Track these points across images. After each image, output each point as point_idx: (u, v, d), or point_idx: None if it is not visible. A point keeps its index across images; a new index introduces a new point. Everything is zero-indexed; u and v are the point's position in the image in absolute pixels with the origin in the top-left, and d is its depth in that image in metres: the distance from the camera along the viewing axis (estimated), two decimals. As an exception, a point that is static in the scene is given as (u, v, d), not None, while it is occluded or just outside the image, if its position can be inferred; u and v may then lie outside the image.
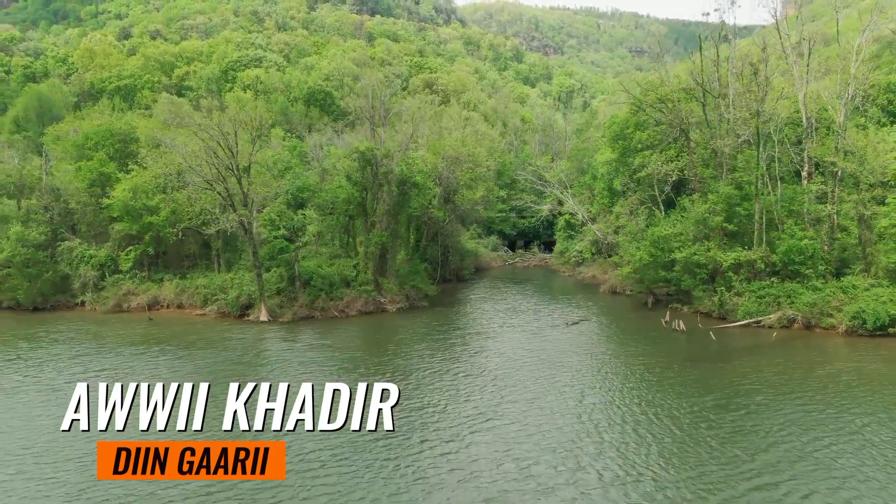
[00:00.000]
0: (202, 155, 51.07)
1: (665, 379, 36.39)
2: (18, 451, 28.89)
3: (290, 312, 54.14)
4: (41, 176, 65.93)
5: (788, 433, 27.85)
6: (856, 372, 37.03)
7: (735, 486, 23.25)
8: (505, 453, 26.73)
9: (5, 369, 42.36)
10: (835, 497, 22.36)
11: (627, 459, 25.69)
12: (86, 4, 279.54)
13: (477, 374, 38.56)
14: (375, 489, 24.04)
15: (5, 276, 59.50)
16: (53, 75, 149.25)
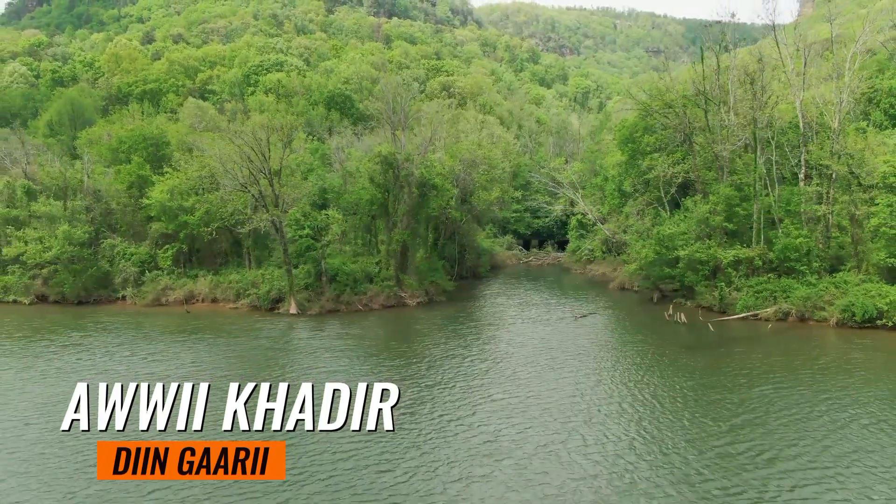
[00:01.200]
0: (237, 159, 55.63)
1: (657, 363, 40.49)
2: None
3: (317, 306, 58.58)
4: (82, 178, 70.84)
5: (757, 406, 31.87)
6: (834, 357, 40.94)
7: (699, 446, 27.33)
8: (506, 420, 30.95)
9: (63, 354, 47.14)
10: (784, 453, 26.33)
11: (609, 428, 29.78)
12: (108, 8, 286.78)
13: (487, 358, 43.00)
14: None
15: (53, 271, 64.43)
16: (81, 80, 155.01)
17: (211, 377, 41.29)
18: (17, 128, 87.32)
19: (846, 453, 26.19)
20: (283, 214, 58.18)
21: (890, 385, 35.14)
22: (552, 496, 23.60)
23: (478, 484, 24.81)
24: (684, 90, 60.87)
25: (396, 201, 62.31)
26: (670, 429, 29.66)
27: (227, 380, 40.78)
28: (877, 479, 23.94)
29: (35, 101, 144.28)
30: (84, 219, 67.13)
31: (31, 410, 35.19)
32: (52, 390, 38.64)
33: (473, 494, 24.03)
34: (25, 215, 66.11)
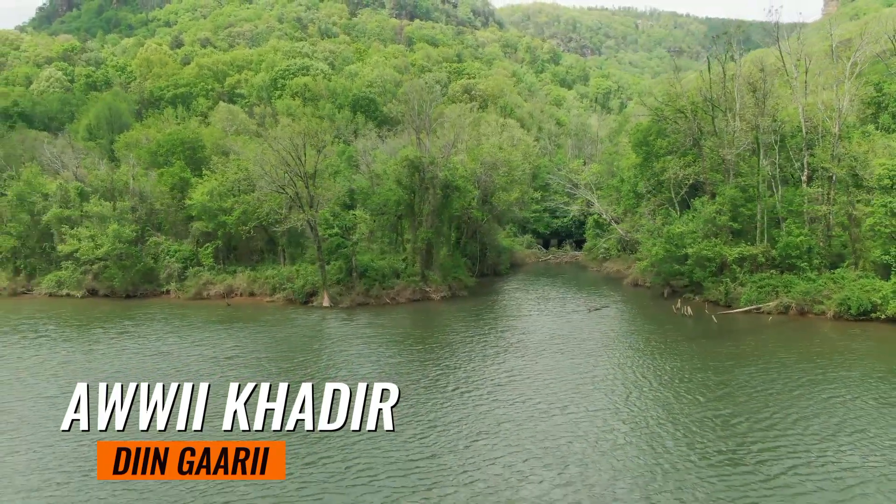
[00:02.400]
0: (275, 162, 60.83)
1: (657, 349, 45.18)
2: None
3: (348, 299, 63.57)
4: (128, 181, 76.48)
5: (745, 384, 36.45)
6: (823, 345, 45.32)
7: (689, 415, 31.83)
8: (513, 392, 35.74)
9: (120, 339, 52.56)
10: (755, 416, 30.73)
11: (611, 399, 34.47)
12: (136, 12, 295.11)
13: (501, 344, 48.04)
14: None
15: (103, 267, 70.06)
16: (115, 84, 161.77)
17: (255, 359, 46.76)
18: (66, 134, 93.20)
19: (807, 416, 30.65)
20: (316, 214, 63.19)
21: (866, 367, 39.33)
22: (547, 450, 28.28)
23: (482, 441, 29.59)
24: (693, 97, 64.91)
25: (422, 202, 67.13)
26: (654, 400, 34.43)
27: (267, 361, 46.24)
28: (818, 437, 28.34)
29: (71, 105, 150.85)
30: (131, 218, 72.73)
31: (100, 381, 40.54)
32: (114, 367, 44.16)
33: (480, 453, 28.75)
34: (78, 215, 71.77)
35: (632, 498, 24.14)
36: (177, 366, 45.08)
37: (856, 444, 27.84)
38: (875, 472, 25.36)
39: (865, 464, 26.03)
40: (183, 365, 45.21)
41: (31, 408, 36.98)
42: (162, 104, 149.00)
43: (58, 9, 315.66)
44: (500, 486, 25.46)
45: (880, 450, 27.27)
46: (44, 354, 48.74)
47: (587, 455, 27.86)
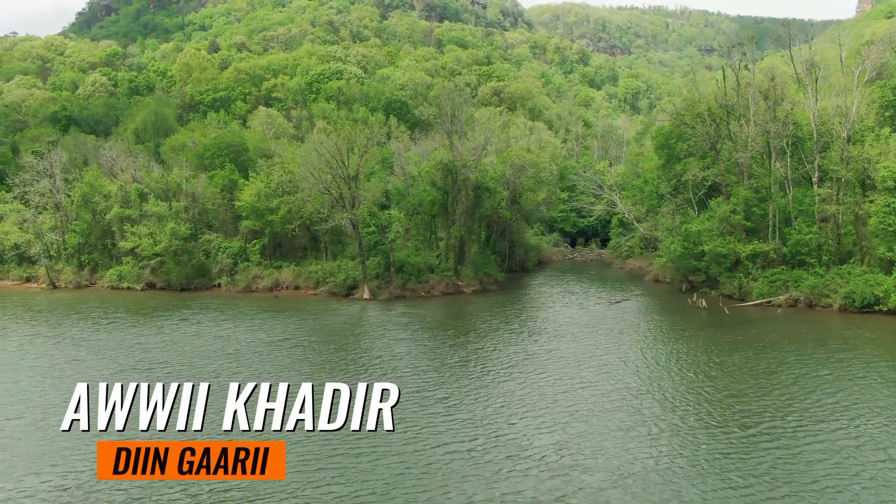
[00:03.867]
0: (321, 165, 66.91)
1: (668, 336, 50.78)
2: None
3: (386, 292, 69.40)
4: (180, 182, 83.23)
5: (733, 364, 41.44)
6: (823, 334, 50.21)
7: (672, 389, 37.02)
8: (538, 372, 41.15)
9: (182, 326, 58.99)
10: (741, 392, 35.77)
11: (620, 381, 39.70)
12: (172, 17, 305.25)
13: (525, 330, 53.97)
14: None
15: (160, 262, 76.75)
16: (157, 89, 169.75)
17: (306, 342, 52.94)
18: (121, 138, 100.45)
19: (793, 393, 35.67)
20: (357, 213, 69.06)
21: (869, 353, 44.08)
22: (559, 409, 33.75)
23: (505, 406, 35.15)
24: (709, 103, 69.58)
25: (455, 202, 72.76)
26: (659, 377, 39.81)
27: (317, 343, 52.29)
28: (824, 406, 33.38)
29: (116, 109, 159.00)
30: (185, 217, 79.42)
31: (175, 362, 46.91)
32: (182, 347, 50.52)
33: (500, 415, 34.29)
34: (137, 214, 78.59)
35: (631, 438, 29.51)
36: (236, 347, 51.30)
37: (865, 414, 32.68)
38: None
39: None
40: (241, 346, 51.42)
41: (114, 380, 43.25)
42: (201, 108, 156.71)
43: (97, 14, 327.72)
44: (513, 437, 30.95)
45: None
46: (120, 336, 55.45)
47: (592, 412, 33.33)
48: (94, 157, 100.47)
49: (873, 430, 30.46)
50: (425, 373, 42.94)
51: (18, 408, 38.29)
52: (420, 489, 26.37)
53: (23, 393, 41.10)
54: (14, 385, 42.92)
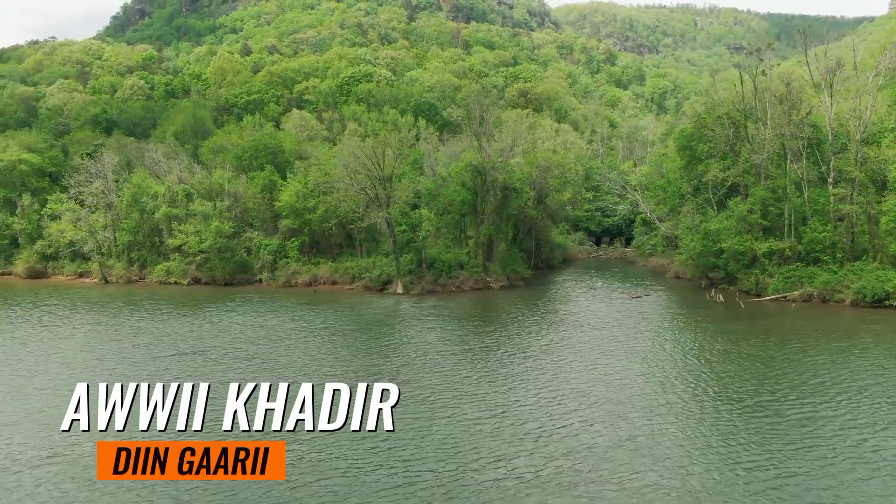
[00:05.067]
0: (358, 167, 71.71)
1: (683, 327, 54.75)
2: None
3: (418, 287, 73.94)
4: (223, 183, 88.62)
5: (747, 351, 45.41)
6: (829, 326, 53.73)
7: (685, 373, 41.03)
8: (558, 357, 45.39)
9: (229, 315, 64.04)
10: (746, 376, 39.66)
11: (630, 365, 43.84)
12: (204, 20, 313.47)
13: (548, 321, 58.52)
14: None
15: (205, 259, 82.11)
16: (193, 92, 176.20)
17: (346, 329, 57.75)
18: (166, 140, 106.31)
19: (789, 379, 39.58)
20: (392, 212, 73.72)
21: (879, 343, 47.61)
22: (572, 390, 38.01)
23: (523, 383, 39.47)
24: (728, 107, 73.09)
25: (483, 202, 77.16)
26: (665, 361, 44.05)
27: (356, 331, 57.01)
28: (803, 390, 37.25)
29: (153, 112, 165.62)
30: (228, 216, 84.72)
31: (228, 346, 51.87)
32: (231, 335, 55.54)
33: (523, 393, 38.60)
34: (184, 213, 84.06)
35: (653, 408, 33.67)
36: (281, 334, 56.17)
37: (849, 393, 36.56)
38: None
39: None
40: (286, 333, 56.30)
41: (177, 361, 48.30)
42: (235, 110, 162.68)
43: (131, 17, 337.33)
44: (531, 408, 35.24)
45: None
46: (174, 325, 60.73)
47: (601, 390, 37.54)
48: (137, 159, 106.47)
49: (853, 405, 34.29)
50: (453, 356, 47.67)
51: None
52: (449, 445, 30.69)
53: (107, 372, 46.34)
54: (100, 362, 48.59)
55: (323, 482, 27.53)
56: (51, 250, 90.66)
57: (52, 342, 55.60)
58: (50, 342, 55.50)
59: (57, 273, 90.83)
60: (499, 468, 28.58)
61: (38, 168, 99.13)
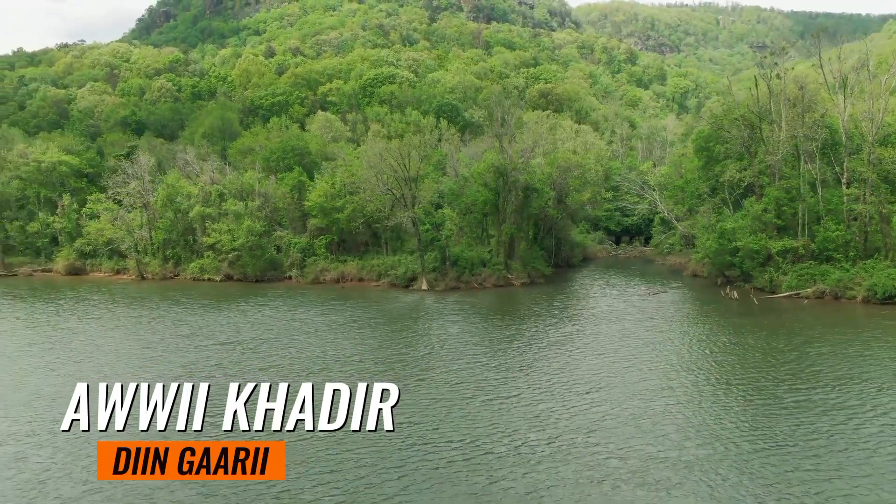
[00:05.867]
0: (384, 168, 75.15)
1: (696, 322, 57.49)
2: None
3: (442, 284, 77.21)
4: (254, 184, 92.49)
5: (755, 343, 48.18)
6: (836, 321, 56.36)
7: (693, 362, 43.88)
8: (571, 344, 48.43)
9: (262, 309, 67.67)
10: (747, 365, 42.44)
11: (641, 354, 46.74)
12: (228, 22, 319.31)
13: (566, 315, 61.69)
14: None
15: (237, 256, 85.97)
16: (219, 94, 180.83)
17: (374, 322, 61.15)
18: (194, 142, 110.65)
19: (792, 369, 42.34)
20: (417, 212, 77.06)
21: (890, 336, 50.04)
22: (582, 375, 41.06)
23: (541, 370, 42.58)
24: (743, 109, 75.54)
25: (505, 202, 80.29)
26: (675, 351, 47.12)
27: (382, 324, 60.39)
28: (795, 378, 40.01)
29: (181, 114, 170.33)
30: (259, 215, 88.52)
31: (264, 337, 55.44)
32: (265, 326, 59.13)
33: (541, 377, 41.72)
34: (216, 213, 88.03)
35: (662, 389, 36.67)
36: (313, 327, 59.69)
37: (844, 380, 39.35)
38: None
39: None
40: (318, 326, 59.83)
41: (217, 350, 51.92)
42: (261, 112, 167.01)
43: (156, 20, 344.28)
44: (548, 391, 38.33)
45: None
46: (211, 318, 64.51)
47: (613, 376, 40.54)
48: (167, 160, 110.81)
49: (844, 391, 37.11)
50: (474, 346, 51.16)
51: (159, 368, 47.04)
52: (469, 420, 33.83)
53: (153, 362, 50.12)
54: (146, 350, 52.44)
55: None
56: (89, 248, 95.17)
57: (100, 332, 59.66)
58: (98, 332, 59.55)
59: (95, 270, 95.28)
60: (514, 441, 31.79)
61: (77, 169, 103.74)
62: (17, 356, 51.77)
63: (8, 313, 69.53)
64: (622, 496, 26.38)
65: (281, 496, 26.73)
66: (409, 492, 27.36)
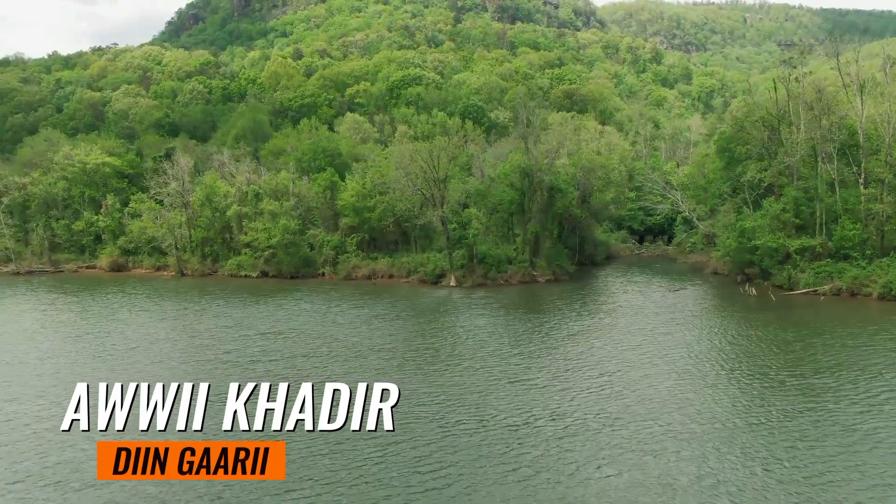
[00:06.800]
0: (414, 169, 78.98)
1: (713, 315, 60.75)
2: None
3: (470, 280, 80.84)
4: (288, 184, 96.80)
5: (765, 335, 51.26)
6: (846, 316, 59.08)
7: (705, 353, 47.05)
8: (591, 335, 51.80)
9: (298, 302, 71.72)
10: (758, 357, 45.51)
11: (655, 344, 49.88)
12: (256, 24, 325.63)
13: (587, 310, 65.10)
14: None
15: (272, 254, 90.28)
16: (249, 96, 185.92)
17: (406, 315, 65.00)
18: (240, 145, 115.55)
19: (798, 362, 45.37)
20: (446, 211, 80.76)
21: (864, 329, 53.04)
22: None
23: (561, 357, 45.99)
24: (763, 112, 78.22)
25: (530, 202, 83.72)
26: (689, 341, 50.48)
27: (414, 316, 64.15)
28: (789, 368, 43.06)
29: (212, 116, 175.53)
30: (294, 214, 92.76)
31: (303, 328, 59.39)
32: (302, 320, 63.15)
33: (561, 364, 45.13)
34: (252, 212, 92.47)
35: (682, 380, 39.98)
36: (349, 318, 63.68)
37: (844, 368, 42.40)
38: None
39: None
40: (353, 318, 63.82)
41: (260, 340, 55.98)
42: (290, 114, 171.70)
43: (185, 22, 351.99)
44: (567, 377, 41.73)
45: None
46: (251, 310, 68.77)
47: (630, 365, 43.89)
48: (201, 161, 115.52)
49: (844, 377, 40.27)
50: (499, 336, 54.99)
51: (208, 354, 51.21)
52: (495, 399, 37.36)
53: (203, 349, 54.35)
54: (194, 339, 56.75)
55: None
56: (131, 245, 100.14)
57: (150, 323, 64.16)
58: (149, 323, 64.04)
59: (136, 266, 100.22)
60: (528, 416, 35.68)
61: (119, 170, 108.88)
62: (79, 344, 56.42)
63: (62, 306, 74.38)
64: (629, 460, 30.17)
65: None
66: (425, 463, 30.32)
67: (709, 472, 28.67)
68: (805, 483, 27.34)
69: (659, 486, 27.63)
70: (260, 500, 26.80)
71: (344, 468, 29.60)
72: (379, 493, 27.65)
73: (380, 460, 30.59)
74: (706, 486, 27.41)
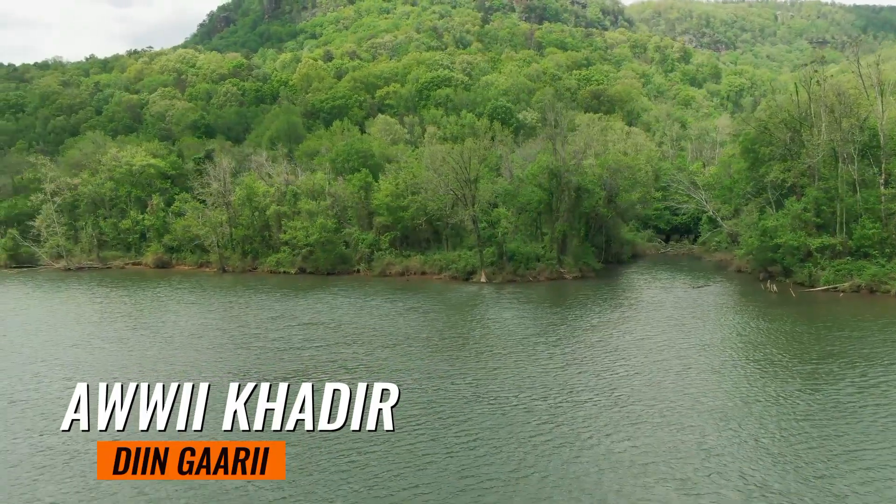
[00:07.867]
0: (446, 171, 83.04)
1: (732, 311, 63.82)
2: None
3: (499, 277, 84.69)
4: (324, 184, 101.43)
5: (780, 329, 54.52)
6: (859, 310, 62.33)
7: (725, 342, 50.45)
8: (612, 328, 55.40)
9: (336, 297, 76.07)
10: (773, 348, 48.75)
11: (672, 336, 53.42)
12: (286, 26, 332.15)
13: (612, 305, 68.58)
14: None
15: (310, 251, 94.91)
16: (282, 98, 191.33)
17: (438, 309, 69.06)
18: (276, 147, 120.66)
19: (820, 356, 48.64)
20: (476, 210, 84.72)
21: (877, 324, 55.96)
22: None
23: (581, 346, 49.73)
24: (784, 114, 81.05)
25: (558, 202, 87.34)
26: (706, 333, 54.03)
27: (446, 310, 68.19)
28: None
29: (246, 117, 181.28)
30: (330, 213, 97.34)
31: (342, 320, 63.69)
32: (341, 312, 67.55)
33: (582, 352, 48.84)
34: (291, 211, 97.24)
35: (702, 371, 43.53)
36: (385, 312, 67.84)
37: (846, 359, 45.62)
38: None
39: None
40: (389, 311, 67.99)
41: (303, 330, 60.33)
42: (321, 115, 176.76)
43: (216, 25, 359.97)
44: (587, 364, 45.42)
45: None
46: (291, 304, 73.25)
47: (649, 353, 47.48)
48: (238, 162, 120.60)
49: (849, 367, 43.47)
50: (526, 327, 58.96)
51: (258, 342, 55.69)
52: (518, 380, 41.14)
53: (252, 338, 58.86)
54: (243, 329, 61.14)
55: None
56: (175, 243, 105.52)
57: (199, 314, 69.01)
58: (198, 315, 68.89)
59: (180, 263, 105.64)
60: (552, 398, 39.61)
61: (163, 171, 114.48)
62: (139, 334, 61.31)
63: (116, 299, 79.68)
64: (637, 431, 34.23)
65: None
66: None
67: (710, 443, 32.46)
68: (791, 451, 31.26)
69: (663, 451, 31.48)
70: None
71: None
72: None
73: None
74: (704, 453, 31.49)
